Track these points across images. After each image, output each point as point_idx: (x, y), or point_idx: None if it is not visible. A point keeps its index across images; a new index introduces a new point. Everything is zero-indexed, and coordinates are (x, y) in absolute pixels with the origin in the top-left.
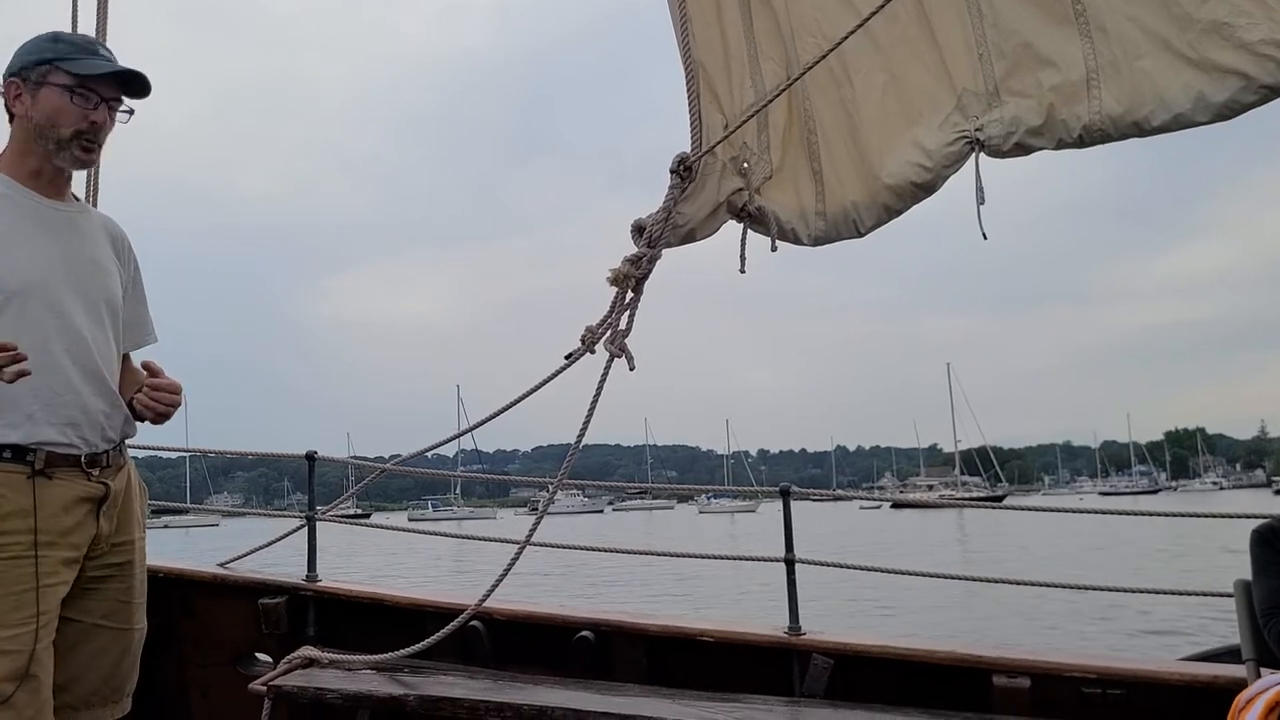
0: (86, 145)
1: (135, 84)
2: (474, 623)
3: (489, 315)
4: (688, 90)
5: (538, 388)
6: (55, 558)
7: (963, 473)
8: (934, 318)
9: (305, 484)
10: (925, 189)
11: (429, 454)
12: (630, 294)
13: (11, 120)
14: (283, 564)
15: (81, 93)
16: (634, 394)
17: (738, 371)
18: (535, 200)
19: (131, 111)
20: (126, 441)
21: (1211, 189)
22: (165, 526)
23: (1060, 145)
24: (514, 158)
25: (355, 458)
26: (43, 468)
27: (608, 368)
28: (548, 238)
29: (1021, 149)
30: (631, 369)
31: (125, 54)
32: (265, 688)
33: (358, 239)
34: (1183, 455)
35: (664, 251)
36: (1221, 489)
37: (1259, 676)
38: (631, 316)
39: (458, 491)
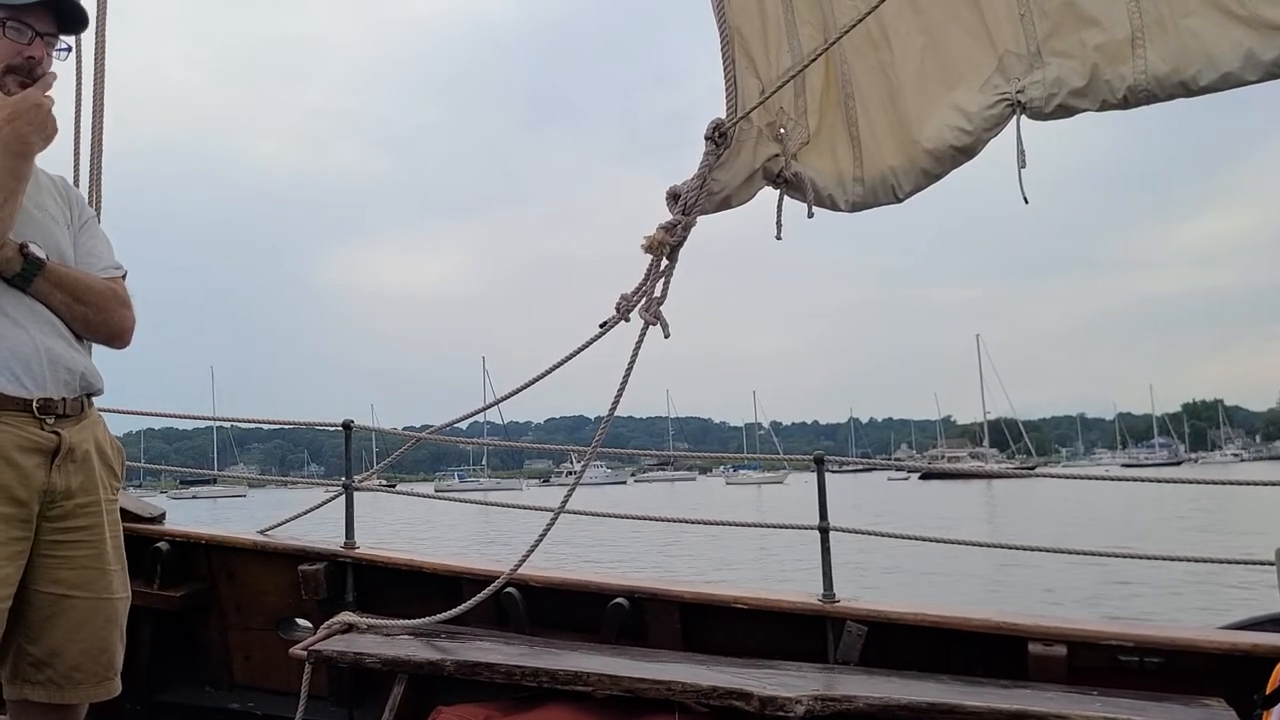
0: (23, 83)
1: (71, 19)
2: (509, 589)
3: (503, 284)
4: (723, 55)
5: (572, 356)
6: None
7: (990, 445)
8: (944, 289)
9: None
10: (965, 153)
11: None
12: (665, 261)
13: None
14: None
15: (14, 26)
16: (644, 365)
17: (748, 344)
18: (548, 168)
19: (69, 48)
20: (141, 409)
21: (1232, 156)
22: (194, 498)
23: (1104, 106)
24: (528, 125)
25: (382, 429)
26: None
27: (642, 335)
28: (561, 205)
29: (1064, 111)
30: (666, 336)
31: (130, 20)
32: (306, 652)
33: (370, 206)
34: (1200, 427)
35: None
36: (1242, 460)
37: None
38: (666, 284)
39: (484, 463)
